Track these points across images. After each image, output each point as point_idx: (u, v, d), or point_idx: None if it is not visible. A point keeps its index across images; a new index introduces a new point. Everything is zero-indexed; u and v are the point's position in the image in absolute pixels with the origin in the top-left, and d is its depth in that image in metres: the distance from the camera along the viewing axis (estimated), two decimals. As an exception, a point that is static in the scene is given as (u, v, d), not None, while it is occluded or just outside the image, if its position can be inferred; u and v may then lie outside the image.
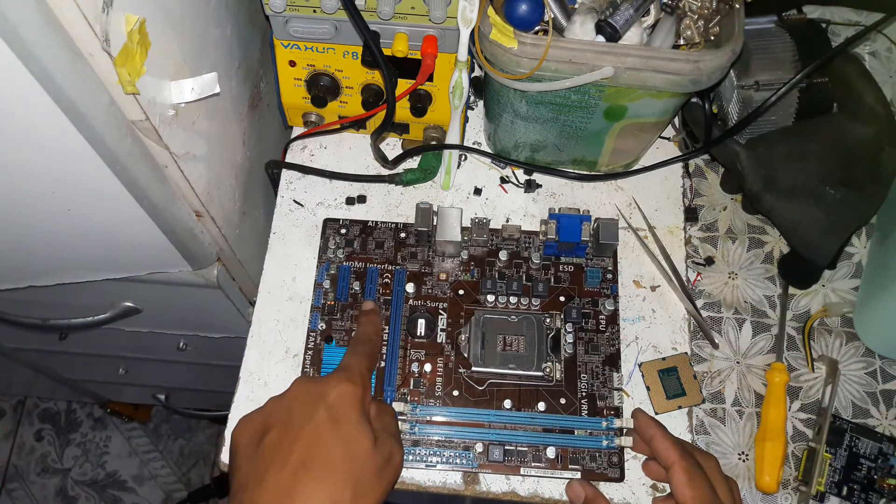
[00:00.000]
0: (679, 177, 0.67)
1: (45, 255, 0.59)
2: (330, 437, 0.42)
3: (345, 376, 0.46)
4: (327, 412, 0.44)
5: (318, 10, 0.53)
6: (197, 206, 0.57)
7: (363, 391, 0.46)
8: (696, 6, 0.53)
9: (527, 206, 0.66)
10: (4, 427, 1.51)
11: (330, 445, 0.42)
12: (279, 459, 0.42)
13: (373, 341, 0.54)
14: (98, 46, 0.38)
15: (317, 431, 0.43)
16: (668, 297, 0.62)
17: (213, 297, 0.70)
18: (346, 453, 0.42)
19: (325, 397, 0.44)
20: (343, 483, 0.41)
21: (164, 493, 1.49)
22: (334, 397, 0.44)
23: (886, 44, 0.74)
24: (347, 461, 0.42)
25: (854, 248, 0.66)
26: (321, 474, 0.41)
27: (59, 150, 0.43)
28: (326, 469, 0.41)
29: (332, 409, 0.44)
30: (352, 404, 0.44)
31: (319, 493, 0.40)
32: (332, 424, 0.43)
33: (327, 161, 0.67)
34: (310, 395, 0.45)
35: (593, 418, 0.57)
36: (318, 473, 0.41)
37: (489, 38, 0.51)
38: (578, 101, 0.55)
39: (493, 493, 0.55)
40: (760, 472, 0.56)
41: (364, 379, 0.47)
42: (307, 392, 0.45)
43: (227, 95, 0.59)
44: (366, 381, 0.47)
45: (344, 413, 0.44)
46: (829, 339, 0.63)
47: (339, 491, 0.41)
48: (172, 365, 1.00)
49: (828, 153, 0.60)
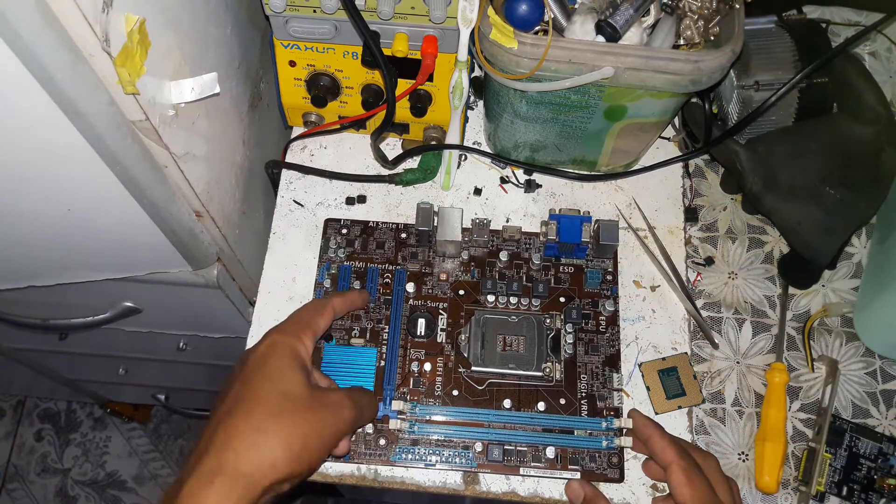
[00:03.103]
0: (679, 177, 0.67)
1: (45, 255, 0.59)
2: (256, 378, 0.46)
3: (276, 329, 0.50)
4: (255, 360, 0.47)
5: (318, 10, 0.53)
6: (197, 206, 0.57)
7: (294, 340, 0.49)
8: (696, 6, 0.53)
9: (527, 206, 0.66)
10: (4, 427, 1.51)
11: (256, 384, 0.45)
12: (216, 409, 0.46)
13: (327, 302, 0.55)
14: (98, 46, 0.38)
15: (247, 377, 0.46)
16: (668, 297, 0.62)
17: (213, 297, 0.70)
18: (270, 388, 0.45)
19: (257, 349, 0.48)
20: (265, 413, 0.44)
21: (164, 493, 1.49)
22: (263, 347, 0.48)
23: (886, 44, 0.74)
24: (273, 395, 0.45)
25: (854, 248, 0.66)
26: (245, 408, 0.44)
27: (59, 150, 0.43)
28: (251, 402, 0.44)
29: (259, 356, 0.47)
30: (281, 351, 0.48)
31: (244, 423, 0.43)
32: (260, 368, 0.47)
33: (327, 161, 0.67)
34: (248, 353, 0.49)
35: (593, 418, 0.57)
36: (243, 408, 0.44)
37: (489, 38, 0.51)
38: (578, 101, 0.55)
39: (493, 493, 0.55)
40: (760, 472, 0.56)
41: (300, 328, 0.50)
42: (246, 352, 0.49)
43: (227, 95, 0.59)
44: (302, 331, 0.50)
45: (271, 357, 0.47)
46: (829, 339, 0.63)
47: (261, 419, 0.43)
48: (172, 365, 1.00)
49: (828, 153, 0.60)
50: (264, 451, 0.42)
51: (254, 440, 0.42)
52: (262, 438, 0.42)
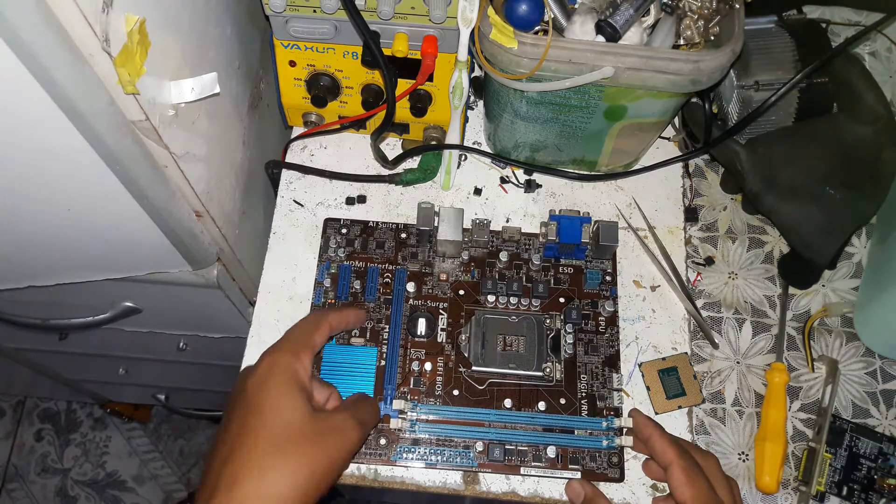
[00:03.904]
0: (679, 177, 0.67)
1: (45, 255, 0.59)
2: (257, 408, 0.45)
3: (273, 348, 0.49)
4: (254, 385, 0.46)
5: (318, 10, 0.53)
6: (197, 206, 0.57)
7: (292, 360, 0.47)
8: (696, 6, 0.53)
9: (527, 206, 0.66)
10: (4, 427, 1.51)
11: (257, 415, 0.44)
12: (220, 440, 0.45)
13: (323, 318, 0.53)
14: (98, 47, 0.38)
15: (248, 406, 0.45)
16: (668, 297, 0.62)
17: (213, 297, 0.70)
18: (272, 418, 0.44)
19: (255, 372, 0.47)
20: (270, 448, 0.43)
21: (164, 493, 1.49)
22: (262, 369, 0.47)
23: (886, 44, 0.74)
24: (276, 427, 0.44)
25: (854, 248, 0.66)
26: (250, 442, 0.43)
27: (59, 150, 0.43)
28: (255, 437, 0.43)
29: (258, 381, 0.46)
30: (280, 375, 0.46)
31: (249, 460, 0.42)
32: (260, 394, 0.45)
33: (327, 161, 0.67)
34: (245, 375, 0.47)
35: (593, 418, 0.57)
36: (247, 443, 0.43)
37: (489, 38, 0.51)
38: (578, 102, 0.55)
39: (493, 493, 0.55)
40: (760, 472, 0.56)
41: (298, 347, 0.48)
42: (244, 373, 0.48)
43: (227, 95, 0.59)
44: (300, 350, 0.48)
45: (271, 382, 0.46)
46: (829, 339, 0.63)
47: (265, 456, 0.42)
48: (172, 365, 1.00)
49: (828, 153, 0.60)
50: (272, 490, 0.41)
51: (261, 479, 0.41)
52: (269, 477, 0.42)
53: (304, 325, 0.52)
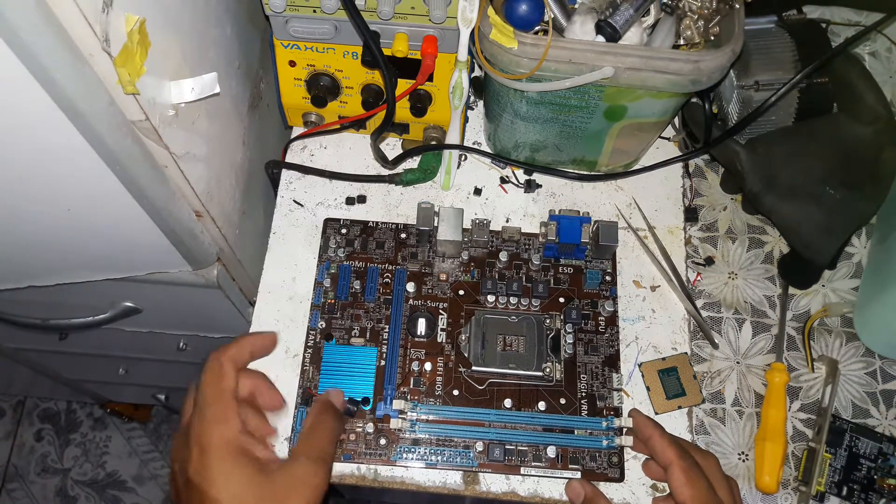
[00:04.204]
0: (679, 177, 0.67)
1: (45, 255, 0.59)
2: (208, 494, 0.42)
3: (198, 418, 0.45)
4: (196, 472, 0.43)
5: (318, 10, 0.53)
6: (197, 206, 0.57)
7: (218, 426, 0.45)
8: (696, 6, 0.53)
9: (527, 206, 0.66)
10: (4, 427, 1.51)
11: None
12: None
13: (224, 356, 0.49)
14: (98, 47, 0.38)
15: (200, 496, 0.43)
16: (668, 297, 0.62)
17: (213, 297, 0.70)
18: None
19: (189, 458, 0.44)
20: None
21: (164, 493, 1.49)
22: (195, 456, 0.44)
23: (886, 44, 0.74)
24: None
25: (854, 248, 0.66)
26: None
27: (59, 150, 0.43)
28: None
29: (197, 466, 0.43)
30: (216, 458, 0.43)
31: None
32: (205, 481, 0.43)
33: (327, 161, 0.67)
34: (183, 461, 0.45)
35: (593, 418, 0.57)
36: None
37: (489, 38, 0.51)
38: (578, 102, 0.55)
39: (493, 492, 0.55)
40: (760, 472, 0.56)
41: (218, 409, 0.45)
42: (180, 461, 0.45)
43: (227, 95, 0.59)
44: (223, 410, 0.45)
45: (211, 463, 0.43)
46: (829, 339, 0.63)
47: None
48: (172, 365, 1.00)
49: (828, 153, 0.60)
50: None
51: None
52: None
53: (211, 379, 0.47)
